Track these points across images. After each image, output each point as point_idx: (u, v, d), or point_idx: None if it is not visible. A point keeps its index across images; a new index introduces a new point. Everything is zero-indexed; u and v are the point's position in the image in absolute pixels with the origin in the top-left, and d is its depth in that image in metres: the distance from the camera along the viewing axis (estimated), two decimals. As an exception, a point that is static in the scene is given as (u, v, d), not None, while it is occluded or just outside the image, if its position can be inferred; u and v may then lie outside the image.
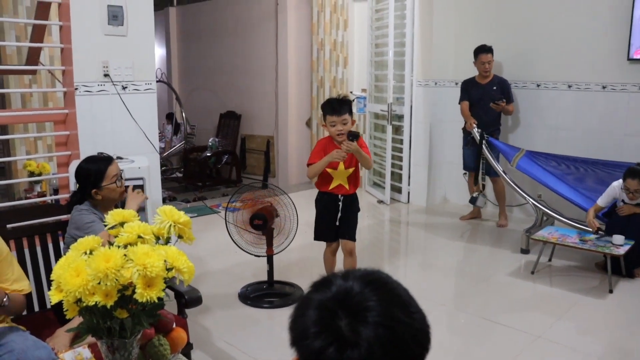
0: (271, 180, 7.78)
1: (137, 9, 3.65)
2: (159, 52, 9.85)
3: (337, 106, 3.26)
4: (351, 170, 3.39)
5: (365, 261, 4.54)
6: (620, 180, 4.11)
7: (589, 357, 3.00)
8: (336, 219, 3.43)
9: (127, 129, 3.61)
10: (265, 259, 3.67)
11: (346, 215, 3.45)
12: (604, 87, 5.05)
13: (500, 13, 5.60)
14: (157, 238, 1.50)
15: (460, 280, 4.25)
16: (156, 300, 1.28)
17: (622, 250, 3.81)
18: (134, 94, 3.68)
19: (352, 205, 3.48)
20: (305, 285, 3.08)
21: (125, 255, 1.31)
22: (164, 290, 1.34)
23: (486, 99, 5.20)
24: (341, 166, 3.33)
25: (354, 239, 3.47)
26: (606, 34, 4.92)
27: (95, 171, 2.52)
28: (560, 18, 5.20)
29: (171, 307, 2.50)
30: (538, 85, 5.42)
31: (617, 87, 4.97)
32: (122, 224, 1.53)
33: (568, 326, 3.36)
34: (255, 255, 3.66)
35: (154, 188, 3.55)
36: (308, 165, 3.40)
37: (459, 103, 5.38)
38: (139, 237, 1.45)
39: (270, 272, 3.69)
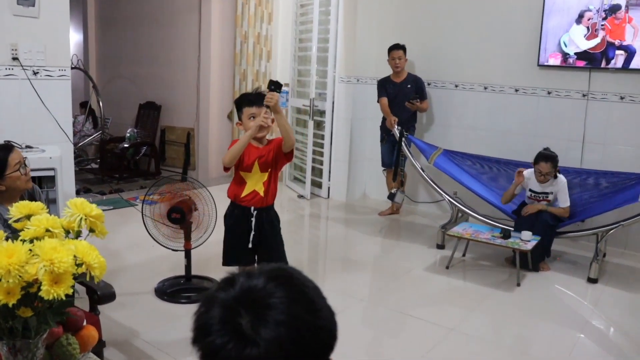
0: (191, 173, 7.63)
1: (51, -10, 3.48)
2: (76, 37, 9.40)
3: (255, 98, 2.89)
4: (266, 174, 2.93)
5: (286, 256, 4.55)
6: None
7: (498, 348, 3.15)
8: (249, 239, 2.96)
9: (37, 117, 3.44)
10: (183, 253, 3.59)
11: (263, 235, 2.98)
12: (516, 90, 5.29)
13: (421, 14, 5.74)
14: (67, 232, 1.44)
15: (378, 276, 4.33)
16: (64, 298, 1.22)
17: (529, 246, 4.02)
18: (46, 79, 3.52)
19: (269, 220, 3.00)
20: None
21: (30, 250, 1.24)
22: (73, 287, 1.28)
23: (401, 97, 5.34)
24: (256, 168, 2.91)
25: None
26: (518, 41, 5.16)
27: None
28: (479, 23, 5.40)
29: (83, 303, 2.41)
30: (456, 86, 5.60)
31: (528, 91, 5.22)
32: (28, 217, 1.45)
33: (480, 319, 3.51)
34: (173, 250, 3.58)
35: (67, 179, 3.41)
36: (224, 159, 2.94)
37: (378, 101, 5.48)
38: (47, 230, 1.38)
39: (188, 266, 3.62)
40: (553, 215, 4.31)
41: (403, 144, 5.10)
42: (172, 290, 3.59)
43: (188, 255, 3.59)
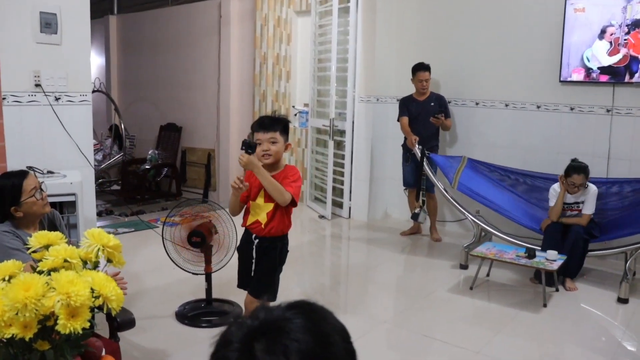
0: (212, 194, 7.65)
1: (73, 16, 3.53)
2: (98, 61, 9.57)
3: (267, 122, 2.70)
4: (271, 205, 2.74)
5: (306, 278, 4.51)
6: (557, 183, 4.31)
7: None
8: (251, 266, 2.85)
9: (59, 142, 3.47)
10: (204, 276, 3.57)
11: (259, 265, 2.84)
12: (538, 107, 5.22)
13: (440, 33, 5.72)
14: (85, 262, 1.42)
15: (401, 297, 4.26)
16: (81, 332, 1.20)
17: (555, 266, 3.92)
18: (68, 105, 3.55)
19: (267, 251, 2.82)
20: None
21: (47, 283, 1.23)
22: (90, 320, 1.26)
23: (425, 115, 5.29)
24: (260, 197, 2.74)
25: (259, 297, 2.81)
26: (538, 57, 5.11)
27: (10, 187, 2.37)
28: (498, 40, 5.36)
29: (102, 329, 2.40)
30: (477, 104, 5.55)
31: (550, 107, 5.15)
32: (47, 247, 1.44)
33: (505, 341, 3.41)
34: (194, 273, 3.57)
35: (87, 204, 3.41)
36: None
37: (398, 120, 5.45)
38: (65, 261, 1.37)
39: (209, 290, 3.60)
40: (584, 228, 4.22)
41: (425, 163, 5.05)
42: (192, 314, 3.57)
43: (209, 279, 3.57)
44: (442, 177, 5.15)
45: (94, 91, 8.10)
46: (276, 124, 2.69)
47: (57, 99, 3.48)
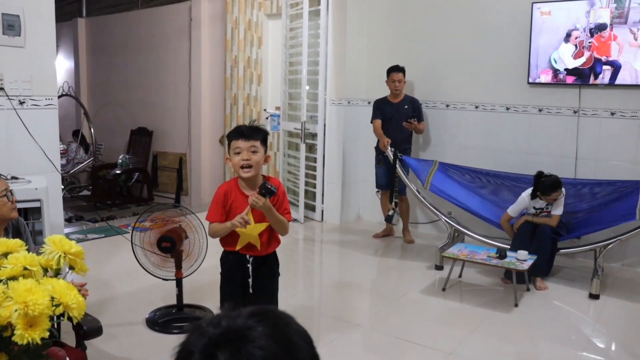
0: (184, 198, 7.59)
1: (37, 19, 3.45)
2: (67, 64, 9.43)
3: (247, 131, 2.50)
4: (263, 226, 2.61)
5: (280, 281, 4.48)
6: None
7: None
8: (247, 286, 2.69)
9: (24, 147, 3.39)
10: (175, 282, 3.53)
11: (261, 283, 2.71)
12: (507, 109, 5.28)
13: (411, 35, 5.75)
14: (46, 270, 1.38)
15: (374, 299, 4.26)
16: (39, 342, 1.16)
17: (525, 265, 3.97)
18: (33, 109, 3.47)
19: (266, 268, 2.72)
20: (217, 308, 2.98)
21: (4, 292, 1.19)
22: (53, 328, 1.23)
23: (398, 118, 5.31)
24: (250, 219, 2.54)
25: None
26: (507, 60, 5.17)
27: None
28: (469, 43, 5.41)
29: (69, 338, 2.34)
30: (447, 106, 5.59)
31: (519, 109, 5.21)
32: (5, 255, 1.40)
33: (478, 341, 3.43)
34: (164, 279, 3.52)
35: (54, 210, 3.34)
36: (208, 220, 2.67)
37: (371, 122, 5.46)
38: (25, 269, 1.33)
39: (180, 295, 3.55)
40: (552, 228, 4.29)
41: (397, 165, 5.07)
42: (163, 321, 3.51)
43: (179, 284, 3.52)
44: (414, 179, 5.18)
45: (62, 95, 7.99)
46: (256, 133, 2.52)
47: (21, 103, 3.40)
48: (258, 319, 0.83)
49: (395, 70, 5.33)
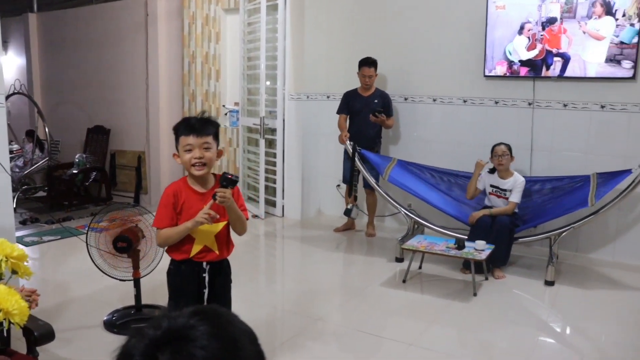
0: (143, 197, 7.47)
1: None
2: (18, 62, 9.16)
3: (198, 125, 2.30)
4: (222, 225, 2.41)
5: (241, 278, 4.45)
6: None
7: (459, 359, 3.13)
8: (202, 298, 2.44)
9: (-30, 148, 3.28)
10: (132, 282, 3.47)
11: (217, 292, 2.49)
12: (465, 101, 5.35)
13: (368, 29, 5.77)
14: (-13, 275, 1.34)
15: (335, 293, 4.27)
16: (-22, 350, 1.13)
17: (484, 255, 4.04)
18: (-21, 109, 3.35)
19: (222, 276, 2.52)
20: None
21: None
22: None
23: (367, 111, 5.29)
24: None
25: None
26: (464, 53, 5.24)
27: None
28: (426, 36, 5.46)
29: (20, 345, 2.28)
30: (405, 99, 5.63)
31: (476, 101, 5.28)
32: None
33: (438, 331, 3.48)
34: (121, 280, 3.46)
35: (3, 213, 3.25)
36: (155, 227, 2.45)
37: (337, 113, 5.45)
38: (-35, 275, 1.29)
39: (138, 296, 3.49)
40: (509, 218, 4.37)
41: (357, 159, 5.09)
42: (122, 322, 3.45)
43: (137, 285, 3.47)
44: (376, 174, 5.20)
45: (13, 93, 7.77)
46: (208, 127, 2.31)
47: (-34, 103, 3.29)
48: (199, 317, 0.82)
49: (365, 64, 5.30)
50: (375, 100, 5.35)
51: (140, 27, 7.24)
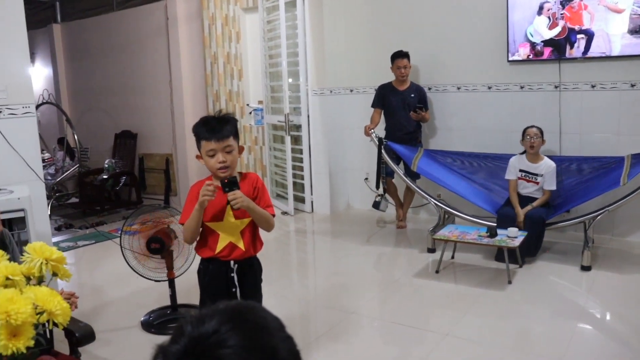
0: (173, 198, 7.55)
1: (7, 26, 3.40)
2: (45, 72, 9.32)
3: (217, 126, 2.27)
4: (247, 221, 2.39)
5: (273, 274, 4.48)
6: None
7: (496, 348, 3.09)
8: (232, 297, 2.42)
9: (4, 157, 3.36)
10: (167, 283, 3.51)
11: (247, 291, 2.45)
12: (489, 88, 5.29)
13: (388, 20, 5.74)
14: (29, 278, 1.37)
15: (368, 286, 4.25)
16: (24, 351, 1.15)
17: (517, 242, 3.98)
18: (10, 118, 3.43)
19: (251, 274, 2.49)
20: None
21: (-15, 303, 1.17)
22: (36, 337, 1.21)
23: (405, 106, 5.25)
24: (228, 216, 2.35)
25: None
26: (486, 39, 5.17)
27: None
28: (447, 24, 5.40)
29: (63, 346, 2.33)
30: (429, 89, 5.58)
31: (500, 87, 5.22)
32: (-13, 266, 1.38)
33: (474, 321, 3.45)
34: (156, 281, 3.50)
35: (40, 219, 3.31)
36: (181, 223, 2.45)
37: (372, 106, 5.41)
38: (8, 279, 1.31)
39: (173, 296, 3.54)
40: (544, 209, 4.32)
41: (382, 151, 5.07)
42: (159, 322, 3.50)
43: (172, 285, 3.51)
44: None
45: (42, 103, 7.91)
46: (227, 128, 2.28)
47: (-2, 113, 3.36)
48: (229, 327, 0.77)
49: (399, 56, 5.24)
50: (412, 95, 5.29)
51: (161, 31, 7.30)
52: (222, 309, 0.80)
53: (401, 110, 5.28)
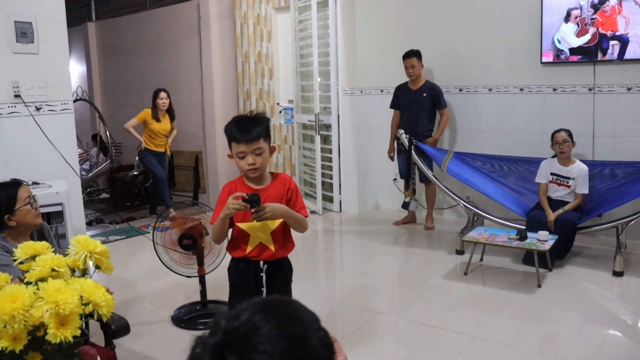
0: (202, 196, 7.63)
1: (49, 25, 3.49)
2: (79, 69, 9.50)
3: (248, 127, 2.25)
4: (277, 222, 2.35)
5: (301, 273, 4.51)
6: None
7: (523, 352, 3.06)
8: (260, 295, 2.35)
9: (43, 153, 3.44)
10: (197, 279, 3.56)
11: (276, 292, 2.43)
12: (521, 90, 5.24)
13: (420, 21, 5.72)
14: (73, 270, 1.41)
15: (397, 287, 4.27)
16: (72, 340, 1.19)
17: (547, 246, 3.94)
18: (49, 114, 3.51)
19: (281, 274, 2.46)
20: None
21: (34, 293, 1.21)
22: (83, 327, 1.25)
23: (415, 106, 5.27)
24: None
25: None
26: (519, 40, 5.12)
27: (4, 195, 2.35)
28: (479, 25, 5.37)
29: (98, 338, 2.38)
30: (460, 90, 5.55)
31: (533, 89, 5.16)
32: (33, 258, 1.43)
33: (502, 323, 3.43)
34: (187, 276, 3.55)
35: (75, 213, 3.39)
36: (212, 223, 2.44)
37: (390, 107, 5.48)
38: (53, 270, 1.35)
39: (203, 292, 3.59)
40: (576, 213, 4.27)
41: (413, 152, 5.06)
42: (188, 317, 3.55)
43: (202, 281, 3.56)
44: (433, 167, 5.16)
45: (76, 100, 8.05)
46: (258, 130, 2.25)
47: (37, 109, 3.45)
48: (262, 316, 0.81)
49: (406, 56, 5.28)
50: (424, 94, 5.29)
51: (194, 30, 7.39)
52: (257, 302, 0.85)
53: (410, 109, 5.31)
